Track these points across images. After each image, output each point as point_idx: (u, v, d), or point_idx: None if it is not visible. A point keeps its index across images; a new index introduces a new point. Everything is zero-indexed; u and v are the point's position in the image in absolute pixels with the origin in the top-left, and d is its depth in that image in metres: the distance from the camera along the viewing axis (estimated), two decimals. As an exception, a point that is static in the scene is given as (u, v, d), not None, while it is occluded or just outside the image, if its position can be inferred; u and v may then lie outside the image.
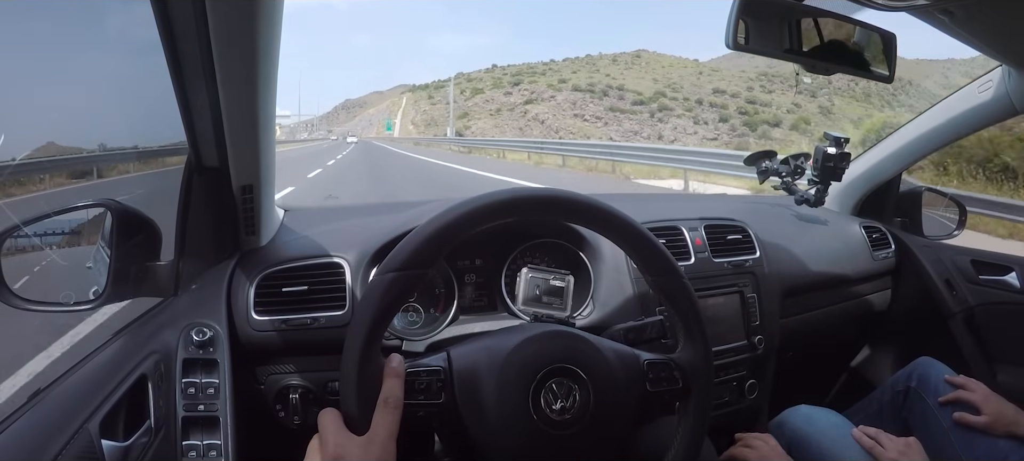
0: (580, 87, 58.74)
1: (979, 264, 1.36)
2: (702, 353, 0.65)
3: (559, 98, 57.43)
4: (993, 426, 0.93)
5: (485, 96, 67.77)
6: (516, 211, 0.60)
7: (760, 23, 0.78)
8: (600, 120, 50.27)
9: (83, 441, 0.56)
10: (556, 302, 0.87)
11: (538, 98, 59.77)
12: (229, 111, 0.72)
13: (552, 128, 49.81)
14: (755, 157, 1.44)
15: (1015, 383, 1.25)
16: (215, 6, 0.61)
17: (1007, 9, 0.81)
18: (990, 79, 1.16)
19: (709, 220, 1.15)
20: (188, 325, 0.76)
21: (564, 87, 60.65)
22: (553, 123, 51.37)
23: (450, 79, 78.62)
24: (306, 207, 1.25)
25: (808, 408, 1.01)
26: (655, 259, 0.64)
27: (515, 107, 60.77)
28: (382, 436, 0.52)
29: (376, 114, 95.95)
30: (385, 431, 0.53)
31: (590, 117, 51.07)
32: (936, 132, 1.32)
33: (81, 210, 0.76)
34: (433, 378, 0.59)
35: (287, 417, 0.84)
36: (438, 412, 0.59)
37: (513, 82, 70.31)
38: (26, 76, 2.83)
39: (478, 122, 58.99)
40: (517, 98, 63.26)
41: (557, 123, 51.07)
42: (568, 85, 60.79)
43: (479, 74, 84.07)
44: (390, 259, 0.56)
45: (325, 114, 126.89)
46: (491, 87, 71.28)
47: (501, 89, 68.99)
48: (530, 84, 66.55)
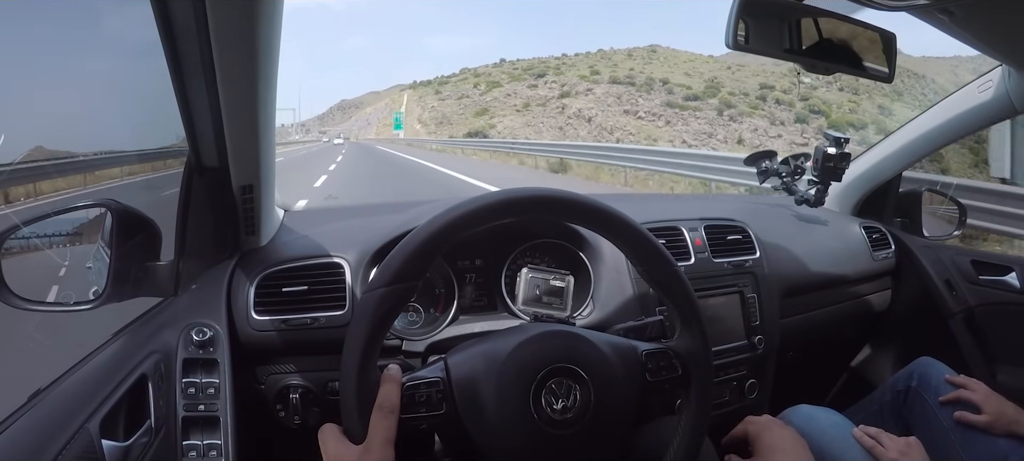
0: (619, 79, 47.94)
1: (979, 264, 1.36)
2: (700, 340, 0.65)
3: (598, 92, 46.76)
4: (994, 425, 0.93)
5: (504, 89, 58.54)
6: (510, 212, 0.60)
7: (760, 23, 0.78)
8: (659, 118, 38.89)
9: (83, 441, 0.56)
10: (556, 302, 0.87)
11: (573, 91, 48.98)
12: (229, 111, 0.72)
13: (602, 127, 39.49)
14: (755, 157, 1.44)
15: (1015, 383, 1.25)
16: (215, 6, 0.61)
17: (1007, 9, 0.81)
18: (990, 79, 1.16)
19: (709, 220, 1.15)
20: (188, 325, 0.76)
21: (599, 79, 49.93)
22: (602, 121, 40.65)
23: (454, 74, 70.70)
24: (306, 208, 1.25)
25: (808, 408, 1.01)
26: (646, 249, 0.64)
27: (547, 102, 49.83)
28: (379, 442, 0.52)
29: (374, 113, 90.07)
30: (381, 436, 0.53)
31: (645, 114, 39.92)
32: (936, 132, 1.32)
33: (81, 210, 0.76)
34: (432, 390, 0.58)
35: (287, 417, 0.84)
36: (440, 422, 0.58)
37: (536, 73, 60.06)
38: (26, 77, 2.83)
39: (503, 120, 49.30)
40: (546, 91, 52.68)
41: (606, 120, 40.45)
42: (603, 77, 50.33)
43: (487, 68, 74.78)
44: (380, 273, 0.56)
45: (320, 115, 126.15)
46: (509, 80, 61.59)
47: (522, 82, 58.84)
48: (557, 76, 56.14)
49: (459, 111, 59.91)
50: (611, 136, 36.29)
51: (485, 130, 45.71)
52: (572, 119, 43.02)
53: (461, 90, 67.96)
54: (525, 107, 51.60)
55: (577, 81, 51.57)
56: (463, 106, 61.14)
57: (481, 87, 63.97)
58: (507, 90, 58.18)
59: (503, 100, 56.35)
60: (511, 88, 58.18)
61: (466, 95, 63.42)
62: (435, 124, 61.97)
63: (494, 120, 49.84)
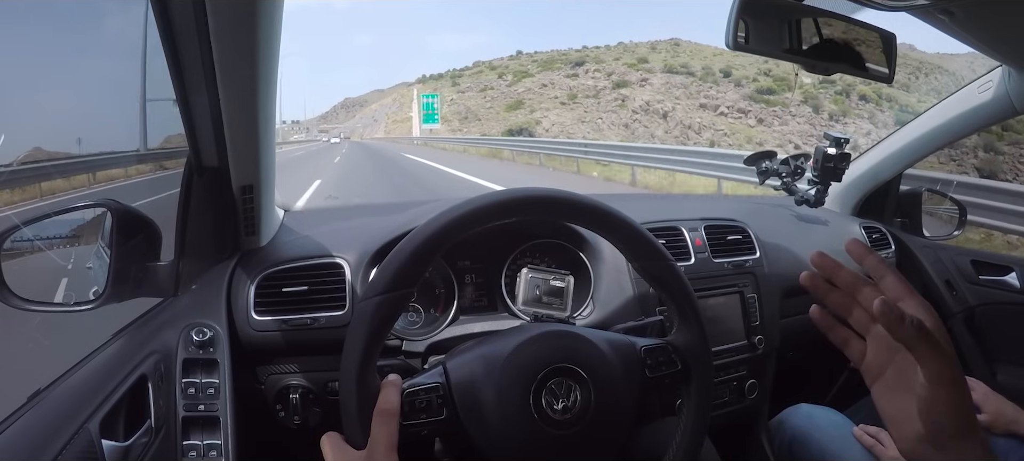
0: (674, 68, 40.14)
1: (979, 264, 1.36)
2: (698, 334, 0.65)
3: (655, 82, 38.83)
4: (993, 425, 0.93)
5: (536, 79, 49.75)
6: (509, 212, 0.60)
7: (760, 23, 0.78)
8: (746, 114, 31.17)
9: (83, 441, 0.56)
10: (556, 302, 0.87)
11: (626, 80, 40.91)
12: (229, 111, 0.72)
13: (683, 124, 31.73)
14: (755, 157, 1.44)
15: (1015, 383, 1.26)
16: (215, 6, 0.61)
17: (1007, 9, 0.81)
18: (990, 79, 1.16)
19: (709, 220, 1.15)
20: (188, 325, 0.76)
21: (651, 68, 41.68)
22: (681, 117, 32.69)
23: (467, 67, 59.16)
24: (306, 207, 1.25)
25: (809, 407, 1.01)
26: (641, 245, 0.64)
27: (599, 93, 41.33)
28: (381, 447, 0.52)
29: (380, 109, 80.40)
30: (384, 442, 0.53)
31: (730, 110, 32.01)
32: (936, 132, 1.32)
33: (81, 210, 0.76)
34: (432, 395, 0.58)
35: (287, 417, 0.84)
36: (441, 427, 0.58)
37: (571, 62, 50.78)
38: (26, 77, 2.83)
39: (547, 114, 40.23)
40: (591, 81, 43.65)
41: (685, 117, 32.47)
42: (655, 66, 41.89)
43: (502, 61, 65.86)
44: (377, 278, 0.56)
45: (323, 114, 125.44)
46: (539, 69, 53.04)
47: (556, 70, 50.07)
48: (597, 65, 47.48)
49: (486, 104, 50.93)
50: (700, 137, 29.22)
51: (530, 127, 36.75)
52: (639, 115, 35.21)
53: (482, 81, 56.80)
54: (571, 99, 43.04)
55: (625, 70, 43.42)
56: (489, 99, 52.17)
57: (507, 77, 54.84)
58: (540, 80, 49.36)
59: (539, 91, 47.48)
60: (544, 78, 49.27)
61: (490, 86, 54.51)
62: (458, 120, 52.64)
63: (537, 115, 40.63)
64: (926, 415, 0.42)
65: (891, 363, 0.47)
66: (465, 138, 30.41)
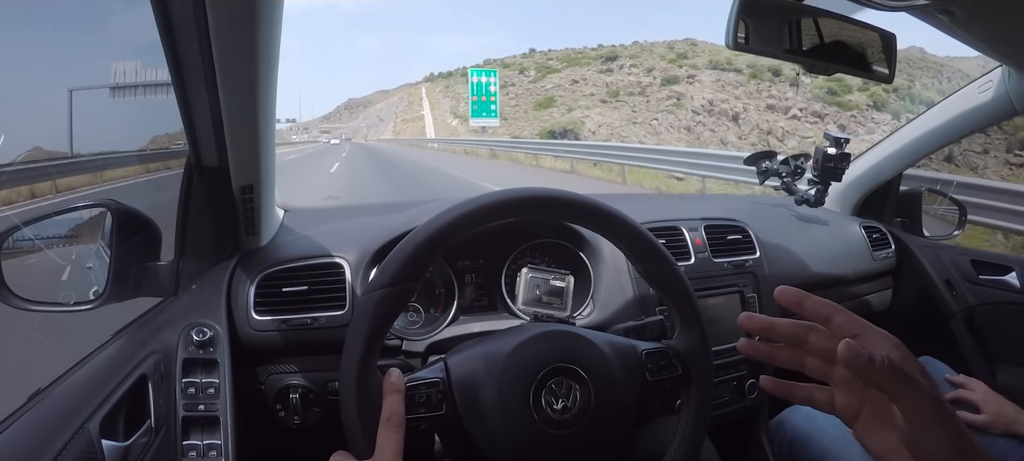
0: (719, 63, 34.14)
1: (979, 264, 1.36)
2: (699, 338, 0.65)
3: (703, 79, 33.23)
4: (993, 425, 0.93)
5: (563, 75, 43.57)
6: (509, 212, 0.60)
7: (760, 23, 0.78)
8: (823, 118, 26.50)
9: (83, 441, 0.56)
10: (556, 302, 0.87)
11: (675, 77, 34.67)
12: (229, 111, 0.72)
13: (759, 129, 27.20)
14: (755, 157, 1.44)
15: (1015, 383, 1.26)
16: (215, 6, 0.61)
17: (1007, 9, 0.81)
18: (990, 79, 1.16)
19: (709, 220, 1.15)
20: (188, 325, 0.76)
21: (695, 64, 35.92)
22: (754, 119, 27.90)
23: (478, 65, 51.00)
24: (306, 207, 1.25)
25: (808, 408, 1.01)
26: (644, 247, 0.64)
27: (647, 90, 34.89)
28: (388, 456, 0.52)
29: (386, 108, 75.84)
30: (391, 450, 0.52)
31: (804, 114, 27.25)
32: (936, 132, 1.32)
33: (81, 210, 0.76)
34: (432, 390, 0.58)
35: (287, 417, 0.84)
36: (440, 423, 0.58)
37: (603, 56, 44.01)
38: (25, 78, 2.83)
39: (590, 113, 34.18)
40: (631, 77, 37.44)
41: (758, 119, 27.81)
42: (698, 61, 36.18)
43: (515, 58, 57.96)
44: (379, 274, 0.56)
45: (326, 114, 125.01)
46: (565, 65, 45.98)
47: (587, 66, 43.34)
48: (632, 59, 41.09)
49: (510, 102, 43.58)
50: (783, 144, 24.84)
51: (575, 128, 30.93)
52: (702, 116, 29.64)
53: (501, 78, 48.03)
54: (613, 97, 36.50)
55: (665, 66, 37.23)
56: (512, 96, 45.41)
57: (529, 73, 47.78)
58: (569, 76, 43.15)
59: (570, 88, 41.07)
60: (574, 73, 43.00)
61: (510, 83, 47.27)
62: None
63: (575, 114, 34.74)
64: (915, 451, 0.41)
65: (864, 403, 0.45)
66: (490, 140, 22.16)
